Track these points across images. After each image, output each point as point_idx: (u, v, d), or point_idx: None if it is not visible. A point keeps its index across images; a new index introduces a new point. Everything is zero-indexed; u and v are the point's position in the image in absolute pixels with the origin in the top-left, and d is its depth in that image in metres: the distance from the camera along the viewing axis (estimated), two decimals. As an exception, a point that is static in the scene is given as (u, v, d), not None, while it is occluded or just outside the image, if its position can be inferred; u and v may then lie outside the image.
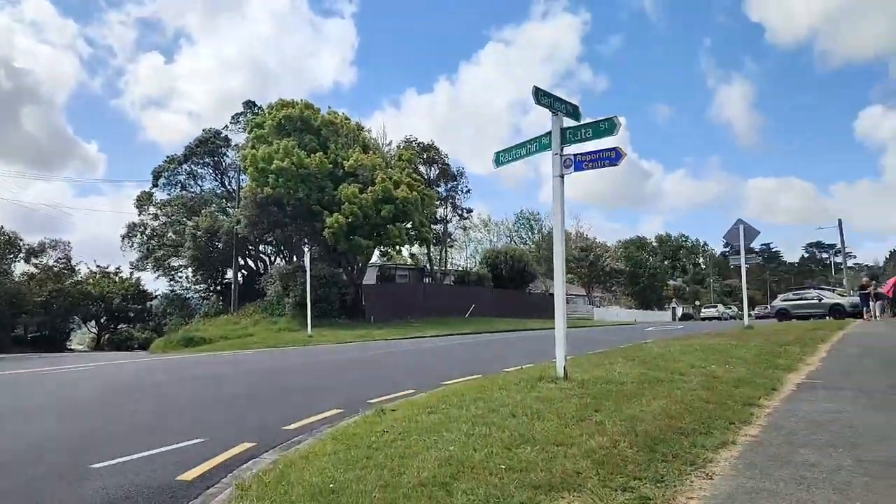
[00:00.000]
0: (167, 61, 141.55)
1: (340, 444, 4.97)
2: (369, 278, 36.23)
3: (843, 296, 37.22)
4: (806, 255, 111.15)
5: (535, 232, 62.22)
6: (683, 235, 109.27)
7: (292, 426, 6.39)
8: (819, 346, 10.71)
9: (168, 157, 43.03)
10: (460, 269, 50.05)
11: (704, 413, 5.26)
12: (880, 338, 13.83)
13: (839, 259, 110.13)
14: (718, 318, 56.86)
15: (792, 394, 6.12)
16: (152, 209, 43.99)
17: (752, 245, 18.69)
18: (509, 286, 45.38)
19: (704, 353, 9.63)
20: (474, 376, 9.50)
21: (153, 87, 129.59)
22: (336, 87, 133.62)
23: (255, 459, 5.11)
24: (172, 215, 42.83)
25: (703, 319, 57.61)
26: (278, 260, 39.27)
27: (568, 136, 7.49)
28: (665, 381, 6.96)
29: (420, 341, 21.94)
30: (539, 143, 7.81)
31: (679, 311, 71.89)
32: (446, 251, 45.62)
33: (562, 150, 7.48)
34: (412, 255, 45.89)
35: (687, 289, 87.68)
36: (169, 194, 43.49)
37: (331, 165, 28.87)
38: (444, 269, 44.79)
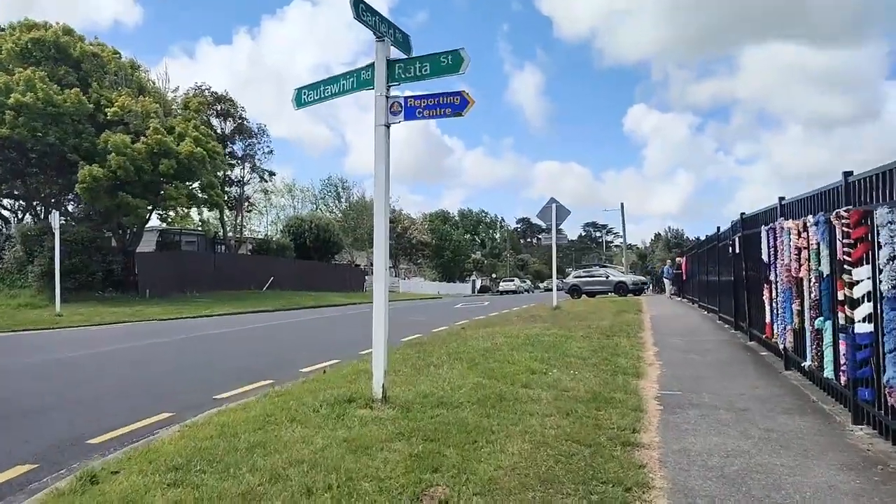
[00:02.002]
0: None
1: None
2: (148, 245, 31.08)
3: (623, 273, 40.71)
4: (583, 234, 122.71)
5: (343, 200, 59.65)
6: (483, 211, 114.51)
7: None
8: (642, 336, 10.17)
9: None
10: (260, 237, 45.94)
11: (581, 469, 3.70)
12: (677, 319, 14.10)
13: (609, 238, 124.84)
14: (515, 292, 59.76)
15: (664, 419, 4.90)
16: None
17: (560, 225, 18.52)
18: (313, 257, 42.55)
19: (536, 350, 8.40)
20: (260, 385, 7.23)
21: None
22: (116, 25, 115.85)
23: None
24: None
25: (501, 293, 60.17)
26: (28, 218, 32.08)
27: (398, 72, 5.48)
28: (510, 400, 5.40)
29: (202, 323, 18.65)
30: (357, 78, 5.70)
31: (479, 284, 74.72)
32: (243, 217, 41.26)
33: (388, 89, 5.46)
34: (203, 221, 40.76)
35: (485, 262, 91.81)
36: None
37: (92, 106, 23.46)
38: (240, 236, 40.50)
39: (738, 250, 10.08)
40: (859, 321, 4.47)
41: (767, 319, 7.80)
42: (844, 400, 5.04)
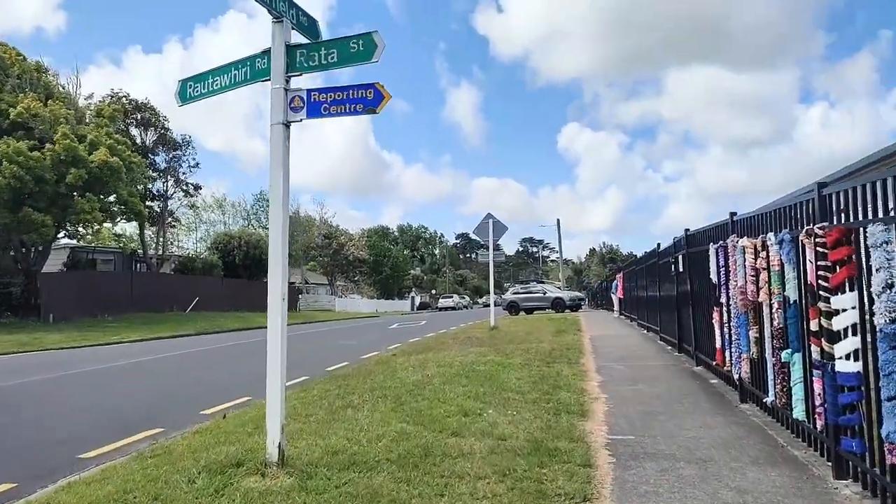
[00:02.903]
0: None
1: None
2: (56, 264, 28.56)
3: (560, 289, 40.66)
4: (520, 249, 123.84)
5: (276, 216, 57.50)
6: (423, 226, 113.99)
7: None
8: (583, 363, 9.47)
9: None
10: (186, 254, 43.44)
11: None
12: (618, 341, 13.59)
13: (545, 253, 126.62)
14: (454, 308, 59.15)
15: (618, 477, 4.09)
16: None
17: (498, 241, 17.89)
18: (243, 275, 40.48)
19: (471, 383, 7.53)
20: (143, 436, 6.06)
21: None
22: (38, 32, 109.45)
23: None
24: None
25: (440, 309, 59.38)
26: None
27: (299, 60, 4.55)
28: (437, 455, 4.48)
29: (106, 352, 16.92)
30: (251, 67, 4.73)
31: (418, 301, 73.69)
32: (166, 233, 38.84)
33: (288, 80, 4.52)
34: (119, 237, 38.07)
35: (424, 278, 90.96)
36: None
37: (-11, 111, 21.34)
38: (163, 254, 38.09)
39: (681, 269, 9.56)
40: (841, 358, 3.80)
41: (718, 345, 7.20)
42: (819, 446, 4.38)
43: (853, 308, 3.67)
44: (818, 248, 4.03)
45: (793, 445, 4.69)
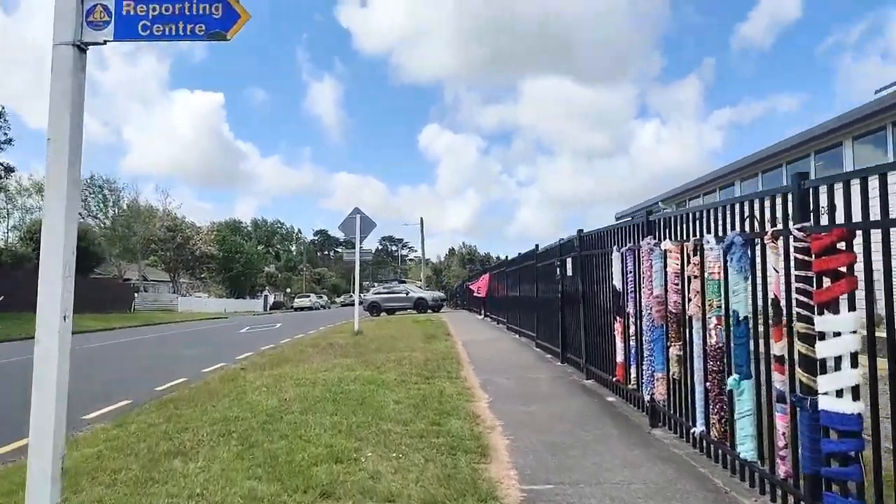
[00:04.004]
0: None
1: None
2: None
3: (422, 289, 40.09)
4: (380, 247, 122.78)
5: (112, 205, 51.18)
6: (279, 221, 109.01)
7: None
8: (465, 376, 8.48)
9: None
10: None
11: None
12: (492, 347, 12.89)
13: (405, 252, 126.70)
14: (311, 308, 56.58)
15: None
16: None
17: (364, 237, 16.56)
18: (65, 270, 35.25)
19: (341, 409, 6.20)
20: None
21: None
22: None
23: None
24: None
25: (296, 309, 56.54)
26: None
27: (103, -48, 2.99)
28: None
29: None
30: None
31: (271, 300, 69.86)
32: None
33: (83, -20, 2.95)
34: None
35: (280, 276, 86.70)
36: None
37: None
38: (-40, 243, 32.03)
39: (570, 273, 8.91)
40: (828, 394, 3.03)
41: (619, 359, 6.51)
42: (777, 493, 3.62)
43: (852, 333, 2.90)
44: (797, 256, 3.25)
45: (738, 490, 3.92)
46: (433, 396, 6.86)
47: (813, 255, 3.13)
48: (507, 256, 18.38)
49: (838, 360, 2.98)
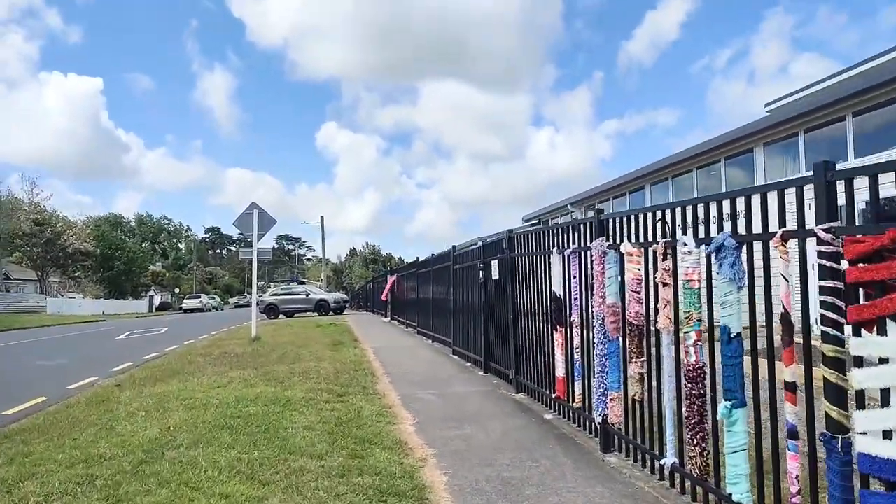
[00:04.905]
0: None
1: None
2: None
3: (323, 290, 38.57)
4: (276, 247, 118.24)
5: None
6: (166, 217, 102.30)
7: None
8: (382, 391, 7.60)
9: None
10: None
11: None
12: (407, 355, 12.07)
13: (303, 251, 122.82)
14: (201, 310, 53.10)
15: None
16: None
17: (263, 234, 15.19)
18: None
19: (238, 440, 5.14)
20: None
21: None
22: None
23: None
24: None
25: (185, 311, 52.84)
26: None
27: None
28: None
29: None
30: None
31: (157, 301, 65.12)
32: None
33: None
34: None
35: (167, 275, 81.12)
36: None
37: None
38: None
39: (495, 276, 8.25)
40: (870, 433, 2.46)
41: (559, 373, 5.89)
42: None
43: (913, 360, 2.33)
44: (823, 262, 2.68)
45: (727, 536, 3.34)
46: (350, 419, 5.93)
47: (846, 262, 2.56)
48: (417, 257, 17.62)
49: (886, 392, 2.41)
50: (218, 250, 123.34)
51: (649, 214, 4.32)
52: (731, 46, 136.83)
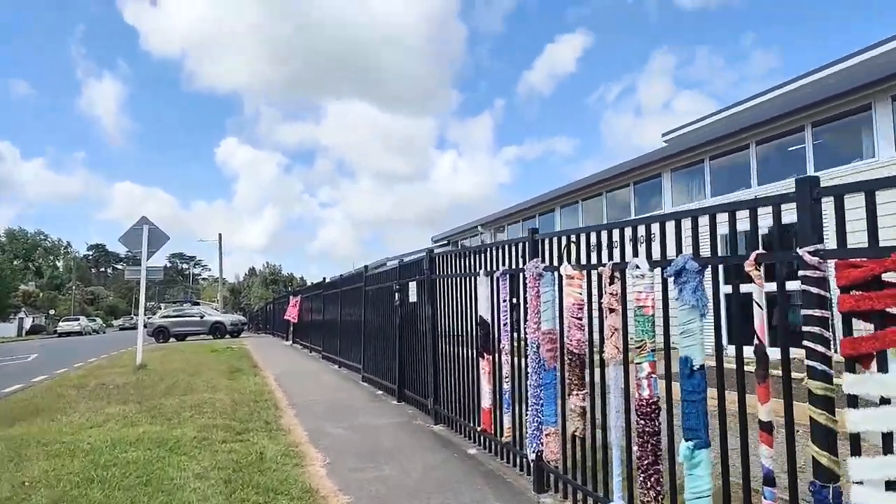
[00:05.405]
0: None
1: None
2: None
3: (219, 312, 36.43)
4: (169, 265, 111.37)
5: None
6: (42, 232, 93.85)
7: None
8: (286, 426, 6.85)
9: None
10: None
11: None
12: (312, 382, 11.26)
13: (197, 270, 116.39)
14: (80, 333, 48.60)
15: None
16: None
17: (155, 251, 13.84)
18: None
19: (111, 496, 4.27)
20: None
21: None
22: None
23: None
24: None
25: (62, 335, 48.15)
26: None
27: None
28: None
29: None
30: None
31: (28, 323, 59.14)
32: None
33: None
34: None
35: (41, 295, 74.04)
36: None
37: None
38: None
39: (412, 298, 7.75)
40: (867, 483, 2.17)
41: (486, 404, 5.45)
42: None
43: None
44: (807, 288, 2.40)
45: None
46: (251, 462, 5.18)
47: (837, 290, 2.29)
48: (324, 278, 16.82)
49: (889, 437, 2.13)
50: (102, 269, 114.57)
51: (593, 234, 4.00)
52: (621, 81, 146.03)
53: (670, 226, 3.31)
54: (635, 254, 3.68)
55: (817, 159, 10.48)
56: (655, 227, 3.42)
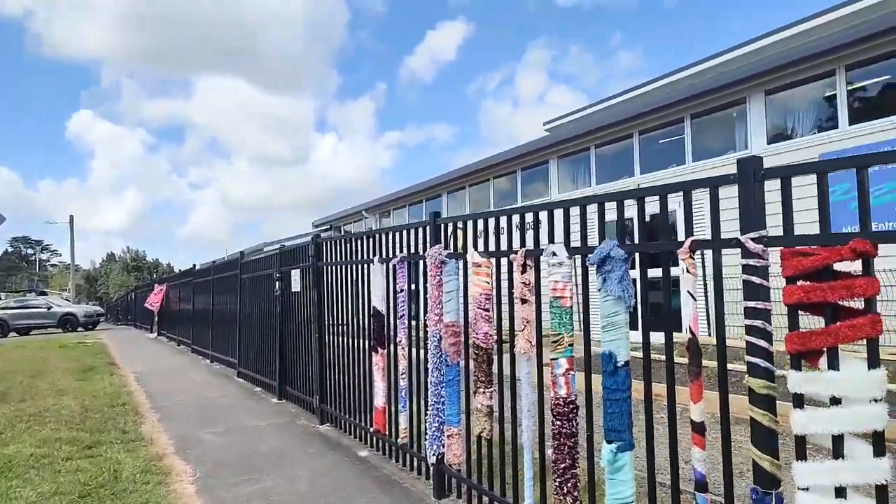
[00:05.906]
0: None
1: None
2: None
3: (70, 302, 33.04)
4: (10, 250, 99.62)
5: None
6: None
7: None
8: (148, 433, 6.02)
9: None
10: None
11: None
12: (180, 379, 10.25)
13: (45, 256, 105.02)
14: None
15: None
16: None
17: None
18: None
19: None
20: None
21: None
22: None
23: None
24: None
25: None
26: None
27: None
28: None
29: None
30: None
31: None
32: None
33: None
34: None
35: None
36: None
37: None
38: None
39: (296, 288, 7.12)
40: (814, 489, 2.01)
41: (379, 403, 5.03)
42: None
43: (875, 401, 1.91)
44: (748, 278, 2.20)
45: None
46: (103, 483, 4.40)
47: (784, 280, 2.10)
48: (194, 264, 15.48)
49: (840, 440, 1.97)
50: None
51: (503, 219, 3.68)
52: (499, 71, 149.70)
53: (575, 211, 3.07)
54: (523, 242, 3.42)
55: (695, 151, 11.00)
56: (575, 211, 3.14)
